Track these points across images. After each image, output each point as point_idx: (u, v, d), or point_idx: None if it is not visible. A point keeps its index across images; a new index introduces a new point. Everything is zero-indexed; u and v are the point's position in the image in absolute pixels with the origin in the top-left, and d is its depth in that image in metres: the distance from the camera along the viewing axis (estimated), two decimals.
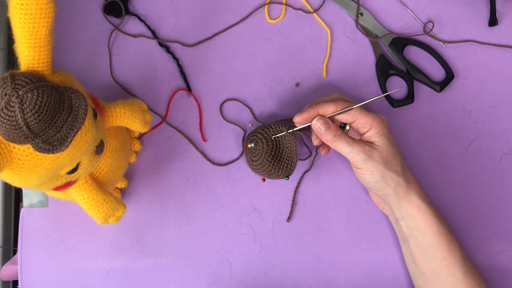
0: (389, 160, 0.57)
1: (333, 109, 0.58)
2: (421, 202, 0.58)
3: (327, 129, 0.57)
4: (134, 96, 0.67)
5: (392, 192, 0.58)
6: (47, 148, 0.42)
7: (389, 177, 0.57)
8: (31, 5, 0.41)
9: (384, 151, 0.57)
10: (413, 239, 0.59)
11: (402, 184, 0.58)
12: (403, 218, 0.59)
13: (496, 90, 0.68)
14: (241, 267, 0.66)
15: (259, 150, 0.62)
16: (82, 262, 0.65)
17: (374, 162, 0.57)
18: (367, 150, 0.57)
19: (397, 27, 0.69)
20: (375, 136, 0.58)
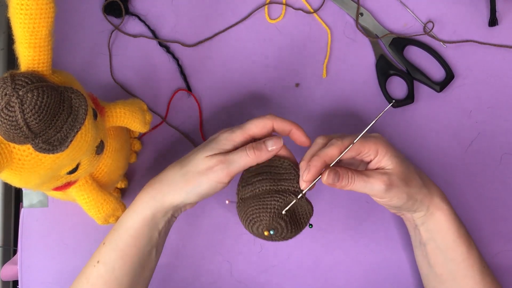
0: (407, 178, 0.54)
1: (336, 152, 0.52)
2: (444, 204, 0.57)
3: (340, 178, 0.52)
4: (134, 96, 0.67)
5: (419, 204, 0.56)
6: (47, 148, 0.42)
7: (414, 193, 0.55)
8: (31, 5, 0.41)
9: (399, 171, 0.54)
10: (432, 242, 0.58)
11: (426, 193, 0.56)
12: (425, 222, 0.57)
13: (496, 90, 0.68)
14: (241, 267, 0.66)
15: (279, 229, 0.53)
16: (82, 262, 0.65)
17: (396, 187, 0.53)
18: (385, 180, 0.52)
19: (397, 27, 0.69)
20: (384, 160, 0.54)
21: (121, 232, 0.54)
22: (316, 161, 0.52)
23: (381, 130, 0.67)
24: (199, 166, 0.52)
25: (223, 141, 0.53)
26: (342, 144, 0.52)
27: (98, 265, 0.54)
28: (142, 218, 0.54)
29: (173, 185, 0.53)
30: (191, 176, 0.52)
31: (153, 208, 0.53)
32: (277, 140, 0.53)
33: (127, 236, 0.54)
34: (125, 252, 0.54)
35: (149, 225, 0.54)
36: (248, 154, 0.52)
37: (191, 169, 0.52)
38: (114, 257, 0.54)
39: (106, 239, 0.55)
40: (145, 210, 0.54)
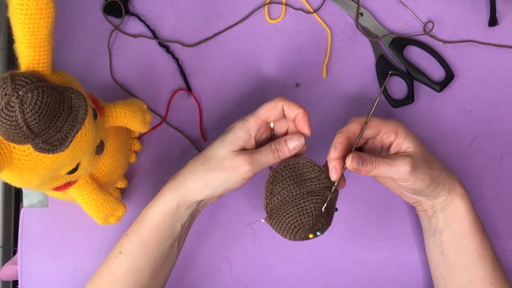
0: (428, 159, 0.55)
1: (357, 127, 0.54)
2: (462, 189, 0.57)
3: (364, 163, 0.52)
4: (134, 96, 0.67)
5: (441, 188, 0.56)
6: (47, 148, 0.42)
7: (437, 175, 0.55)
8: (31, 5, 0.41)
9: (420, 152, 0.54)
10: (448, 229, 0.58)
11: (446, 175, 0.56)
12: (445, 208, 0.57)
13: (496, 90, 0.68)
14: (241, 267, 0.66)
15: (322, 228, 0.54)
16: (82, 262, 0.65)
17: (420, 169, 0.53)
18: (409, 161, 0.52)
19: (397, 27, 0.69)
20: (405, 142, 0.54)
21: (144, 223, 0.55)
22: (340, 137, 0.53)
23: None
24: (225, 162, 0.53)
25: (239, 132, 0.54)
26: (362, 119, 0.54)
27: (120, 256, 0.55)
28: (165, 210, 0.54)
29: (197, 179, 0.54)
30: (217, 171, 0.53)
31: (177, 201, 0.54)
32: (297, 138, 0.54)
33: (149, 227, 0.54)
34: (146, 243, 0.54)
35: (172, 217, 0.54)
36: (273, 156, 0.53)
37: (217, 165, 0.53)
38: (135, 247, 0.55)
39: (129, 230, 0.56)
40: (168, 202, 0.54)
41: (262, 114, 0.54)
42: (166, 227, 0.55)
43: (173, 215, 0.54)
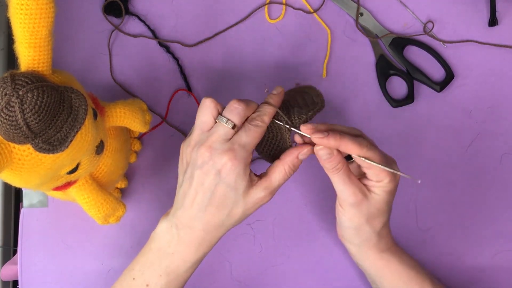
0: (374, 216, 0.53)
1: (356, 151, 0.49)
2: (386, 254, 0.57)
3: (329, 159, 0.50)
4: (134, 96, 0.67)
5: (358, 243, 0.56)
6: (47, 148, 0.42)
7: (364, 231, 0.54)
8: (31, 5, 0.41)
9: (376, 207, 0.52)
10: (379, 283, 0.59)
11: (373, 240, 0.55)
12: (366, 264, 0.58)
13: (496, 90, 0.68)
14: (241, 267, 0.66)
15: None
16: (82, 262, 0.65)
17: (359, 212, 0.52)
18: (359, 197, 0.51)
19: (397, 27, 0.69)
20: (378, 190, 0.52)
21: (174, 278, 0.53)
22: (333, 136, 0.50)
23: (382, 130, 0.67)
24: (248, 206, 0.51)
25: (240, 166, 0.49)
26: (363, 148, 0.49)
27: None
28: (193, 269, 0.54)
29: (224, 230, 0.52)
30: (242, 215, 0.51)
31: (202, 255, 0.53)
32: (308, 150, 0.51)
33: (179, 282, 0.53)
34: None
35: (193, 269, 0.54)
36: (287, 173, 0.51)
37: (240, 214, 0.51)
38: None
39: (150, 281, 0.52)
40: (198, 263, 0.53)
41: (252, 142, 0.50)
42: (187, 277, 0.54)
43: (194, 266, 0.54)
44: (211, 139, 0.49)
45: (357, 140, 0.49)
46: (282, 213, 0.66)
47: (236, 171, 0.48)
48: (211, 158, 0.48)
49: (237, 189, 0.49)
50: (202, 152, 0.49)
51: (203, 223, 0.50)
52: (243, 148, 0.48)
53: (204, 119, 0.50)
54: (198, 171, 0.49)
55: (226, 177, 0.48)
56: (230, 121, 0.49)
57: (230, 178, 0.48)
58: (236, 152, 0.48)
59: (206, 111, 0.50)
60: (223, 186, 0.49)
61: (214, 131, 0.49)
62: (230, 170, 0.48)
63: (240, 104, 0.50)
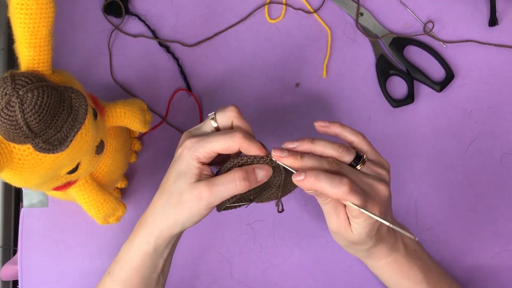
0: (357, 243, 0.53)
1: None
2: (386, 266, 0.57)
3: (319, 196, 0.50)
4: (134, 96, 0.67)
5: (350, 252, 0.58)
6: (47, 148, 0.42)
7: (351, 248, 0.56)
8: (31, 5, 0.41)
9: (356, 237, 0.51)
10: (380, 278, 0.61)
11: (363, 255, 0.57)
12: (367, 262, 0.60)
13: (496, 90, 0.68)
14: (241, 267, 0.66)
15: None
16: (82, 262, 0.65)
17: (341, 239, 0.54)
18: (339, 229, 0.52)
19: (397, 27, 0.69)
20: (356, 225, 0.50)
21: (123, 265, 0.53)
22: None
23: (381, 130, 0.67)
24: (185, 196, 0.49)
25: (190, 161, 0.49)
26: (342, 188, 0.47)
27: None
28: (143, 253, 0.52)
29: (165, 218, 0.51)
30: (180, 208, 0.50)
31: (152, 243, 0.51)
32: (267, 169, 0.50)
33: (130, 268, 0.52)
34: (128, 283, 0.53)
35: (152, 257, 0.52)
36: (236, 184, 0.48)
37: (178, 201, 0.49)
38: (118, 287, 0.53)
39: (110, 268, 0.54)
40: (145, 245, 0.52)
41: (214, 147, 0.48)
42: (148, 266, 0.52)
43: (153, 255, 0.52)
44: (193, 128, 0.53)
45: (333, 181, 0.46)
46: (282, 213, 0.66)
47: (186, 159, 0.49)
48: (181, 141, 0.51)
49: (179, 174, 0.49)
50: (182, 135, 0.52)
51: (151, 204, 0.52)
52: (203, 145, 0.49)
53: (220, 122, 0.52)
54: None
55: (176, 161, 0.51)
56: (214, 120, 0.51)
57: (179, 163, 0.50)
58: (196, 142, 0.49)
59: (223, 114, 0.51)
60: (172, 169, 0.51)
61: (201, 124, 0.52)
62: (182, 155, 0.50)
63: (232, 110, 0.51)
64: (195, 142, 0.49)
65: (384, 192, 0.50)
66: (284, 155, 0.48)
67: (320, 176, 0.46)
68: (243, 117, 0.51)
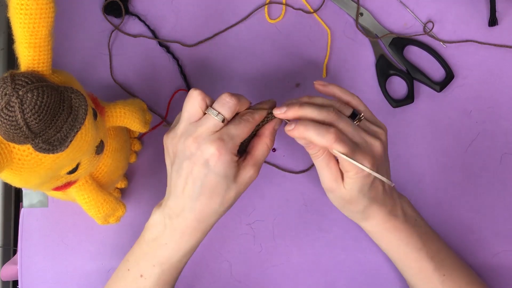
0: (351, 201, 0.53)
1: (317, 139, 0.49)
2: (384, 231, 0.57)
3: (308, 146, 0.52)
4: (134, 96, 0.67)
5: (348, 215, 0.58)
6: (47, 148, 0.42)
7: (347, 209, 0.56)
8: (31, 5, 0.41)
9: (349, 194, 0.52)
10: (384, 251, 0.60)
11: (359, 217, 0.56)
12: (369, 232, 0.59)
13: (496, 90, 0.68)
14: (241, 267, 0.66)
15: None
16: (82, 262, 0.65)
17: (334, 197, 0.54)
18: (332, 185, 0.52)
19: (397, 27, 0.69)
20: (348, 180, 0.51)
21: (170, 268, 0.54)
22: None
23: None
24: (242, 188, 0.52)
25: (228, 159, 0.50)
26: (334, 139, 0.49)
27: (141, 279, 0.54)
28: (190, 254, 0.54)
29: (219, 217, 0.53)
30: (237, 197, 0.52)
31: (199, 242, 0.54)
32: (277, 124, 0.54)
33: (175, 271, 0.54)
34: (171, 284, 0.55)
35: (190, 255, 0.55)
36: (268, 148, 0.53)
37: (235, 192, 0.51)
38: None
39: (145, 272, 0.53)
40: (196, 247, 0.54)
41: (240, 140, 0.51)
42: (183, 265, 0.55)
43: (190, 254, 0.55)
44: (199, 130, 0.49)
45: (320, 130, 0.49)
46: (282, 213, 0.66)
47: (225, 161, 0.48)
48: (199, 148, 0.48)
49: (227, 177, 0.49)
50: (190, 143, 0.49)
51: (196, 212, 0.50)
52: (232, 140, 0.49)
53: (192, 111, 0.50)
54: (187, 161, 0.49)
55: (215, 167, 0.48)
56: (220, 115, 0.49)
57: (219, 168, 0.48)
58: (224, 142, 0.48)
59: (194, 103, 0.50)
60: (212, 175, 0.49)
61: (203, 123, 0.49)
62: (218, 159, 0.48)
63: (232, 99, 0.50)
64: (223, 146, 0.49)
65: (378, 147, 0.51)
66: (283, 111, 0.51)
67: (308, 125, 0.49)
68: (238, 96, 0.51)
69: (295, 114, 0.51)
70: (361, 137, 0.51)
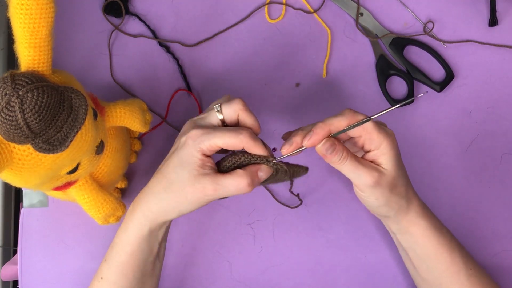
0: (395, 184, 0.52)
1: (344, 123, 0.50)
2: (420, 219, 0.56)
3: (333, 152, 0.49)
4: (134, 96, 0.67)
5: (393, 214, 0.55)
6: (47, 148, 0.42)
7: (393, 201, 0.53)
8: (31, 5, 0.41)
9: (392, 175, 0.51)
10: (412, 251, 0.58)
11: (404, 205, 0.55)
12: (400, 233, 0.57)
13: (496, 90, 0.68)
14: (241, 267, 0.66)
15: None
16: (82, 262, 0.65)
17: (381, 188, 0.51)
18: (375, 176, 0.50)
19: (397, 27, 0.69)
20: (384, 158, 0.51)
21: (120, 249, 0.53)
22: (320, 128, 0.50)
23: None
24: (188, 188, 0.49)
25: (194, 153, 0.49)
26: (353, 117, 0.50)
27: (101, 281, 0.55)
28: (139, 236, 0.52)
29: (163, 204, 0.51)
30: (180, 197, 0.50)
31: (148, 226, 0.52)
32: (268, 171, 0.51)
33: (126, 252, 0.53)
34: (126, 267, 0.53)
35: (147, 240, 0.53)
36: (241, 188, 0.49)
37: (179, 190, 0.49)
38: (115, 273, 0.54)
39: (107, 256, 0.55)
40: (140, 229, 0.52)
41: (219, 143, 0.48)
42: (143, 249, 0.53)
43: (148, 238, 0.52)
44: (198, 117, 0.52)
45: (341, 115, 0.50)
46: (282, 213, 0.66)
47: (190, 149, 0.49)
48: (184, 129, 0.51)
49: (184, 167, 0.49)
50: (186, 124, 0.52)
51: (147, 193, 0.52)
52: (209, 138, 0.48)
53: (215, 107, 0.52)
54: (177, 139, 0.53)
55: (180, 149, 0.50)
56: (220, 113, 0.50)
57: (182, 152, 0.49)
58: (202, 135, 0.49)
59: (229, 107, 0.51)
60: (174, 157, 0.50)
61: (206, 114, 0.52)
62: (186, 144, 0.49)
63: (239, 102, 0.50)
64: (201, 134, 0.49)
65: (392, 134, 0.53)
66: (291, 148, 0.50)
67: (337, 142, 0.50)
68: (250, 110, 0.51)
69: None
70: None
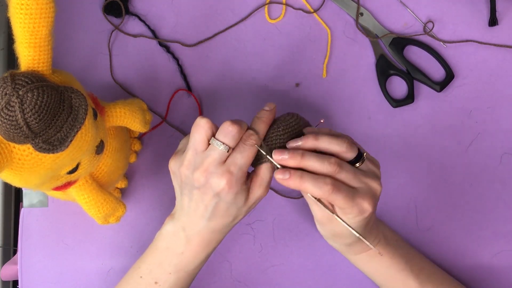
0: (340, 236, 0.53)
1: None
2: (363, 256, 0.58)
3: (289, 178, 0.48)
4: (134, 96, 0.67)
5: (336, 246, 0.58)
6: (47, 148, 0.42)
7: (334, 242, 0.56)
8: (31, 5, 0.41)
9: (340, 229, 0.51)
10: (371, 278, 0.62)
11: (345, 249, 0.57)
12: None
13: (496, 90, 0.68)
14: (241, 267, 0.66)
15: None
16: (82, 262, 0.65)
17: (324, 230, 0.53)
18: (323, 219, 0.51)
19: (397, 27, 0.69)
20: (344, 218, 0.50)
21: (185, 275, 0.54)
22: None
23: (381, 130, 0.67)
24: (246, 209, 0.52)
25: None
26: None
27: (156, 286, 0.54)
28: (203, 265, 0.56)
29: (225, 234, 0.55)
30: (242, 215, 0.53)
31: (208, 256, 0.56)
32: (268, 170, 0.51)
33: (190, 277, 0.55)
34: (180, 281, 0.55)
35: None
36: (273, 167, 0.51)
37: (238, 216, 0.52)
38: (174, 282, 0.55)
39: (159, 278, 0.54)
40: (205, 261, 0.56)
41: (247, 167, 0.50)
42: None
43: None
44: (206, 162, 0.48)
45: (317, 182, 0.47)
46: (282, 213, 0.66)
47: (234, 192, 0.49)
48: (208, 181, 0.49)
49: (237, 203, 0.50)
50: (198, 176, 0.49)
51: (209, 228, 0.52)
52: (240, 170, 0.49)
53: (198, 140, 0.49)
54: (196, 191, 0.50)
55: (225, 197, 0.49)
56: (225, 145, 0.48)
57: (229, 198, 0.49)
58: (232, 174, 0.48)
59: (201, 132, 0.49)
60: (223, 204, 0.50)
61: (208, 155, 0.48)
62: (228, 192, 0.48)
63: (234, 127, 0.49)
64: (233, 178, 0.48)
65: (377, 188, 0.50)
66: (286, 158, 0.49)
67: (304, 177, 0.48)
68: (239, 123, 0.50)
69: (296, 164, 0.48)
70: (362, 182, 0.49)
